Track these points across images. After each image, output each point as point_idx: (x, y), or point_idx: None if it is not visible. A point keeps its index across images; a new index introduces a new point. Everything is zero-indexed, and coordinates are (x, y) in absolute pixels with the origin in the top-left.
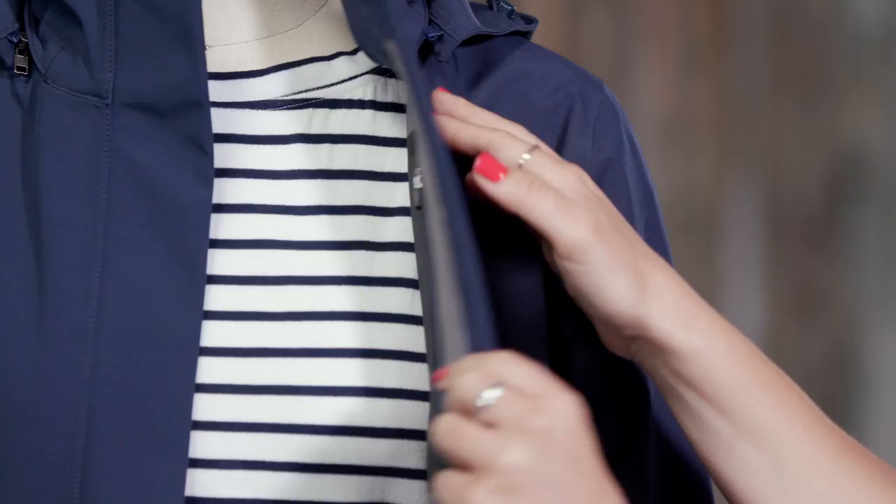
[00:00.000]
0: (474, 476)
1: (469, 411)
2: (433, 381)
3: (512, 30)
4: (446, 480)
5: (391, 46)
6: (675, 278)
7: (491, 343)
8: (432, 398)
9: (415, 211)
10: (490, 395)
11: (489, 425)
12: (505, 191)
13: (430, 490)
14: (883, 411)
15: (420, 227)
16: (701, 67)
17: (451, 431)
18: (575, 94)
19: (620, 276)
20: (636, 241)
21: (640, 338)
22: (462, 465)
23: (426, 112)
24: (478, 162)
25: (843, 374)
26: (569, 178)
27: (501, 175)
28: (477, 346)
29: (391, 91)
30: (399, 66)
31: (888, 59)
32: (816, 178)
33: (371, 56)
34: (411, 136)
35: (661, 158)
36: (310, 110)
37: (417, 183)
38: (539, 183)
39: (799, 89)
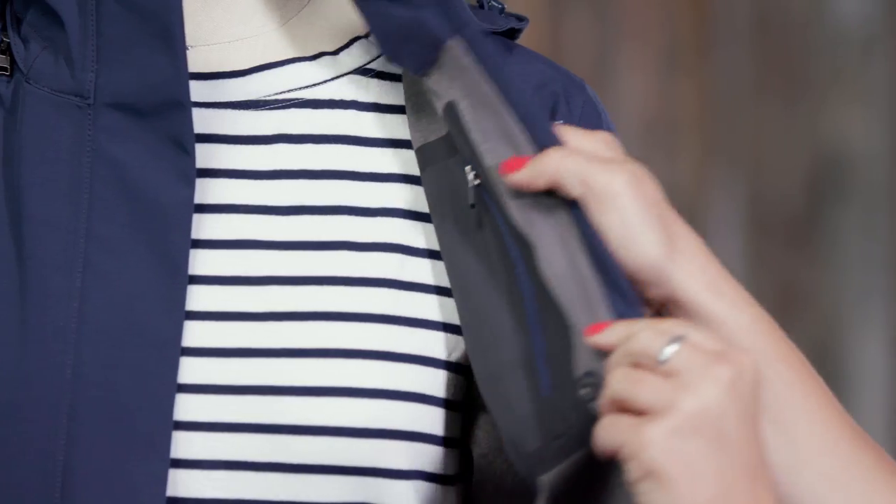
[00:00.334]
0: (650, 417)
1: (644, 365)
2: (587, 334)
3: (508, 27)
4: (616, 421)
5: (453, 47)
6: (703, 247)
7: (641, 311)
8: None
9: (463, 210)
10: (671, 349)
11: (670, 375)
12: (540, 168)
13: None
14: (864, 410)
15: (470, 225)
16: (683, 67)
17: (631, 378)
18: (559, 92)
19: (649, 228)
20: (667, 206)
21: (668, 301)
22: (635, 412)
23: (521, 102)
24: (502, 165)
25: (824, 373)
26: (599, 142)
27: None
28: (628, 314)
29: (373, 91)
30: (464, 63)
31: (869, 59)
32: (798, 177)
33: (401, 63)
34: (428, 145)
35: (643, 158)
36: (292, 110)
37: (473, 180)
38: (566, 149)
39: (781, 89)
